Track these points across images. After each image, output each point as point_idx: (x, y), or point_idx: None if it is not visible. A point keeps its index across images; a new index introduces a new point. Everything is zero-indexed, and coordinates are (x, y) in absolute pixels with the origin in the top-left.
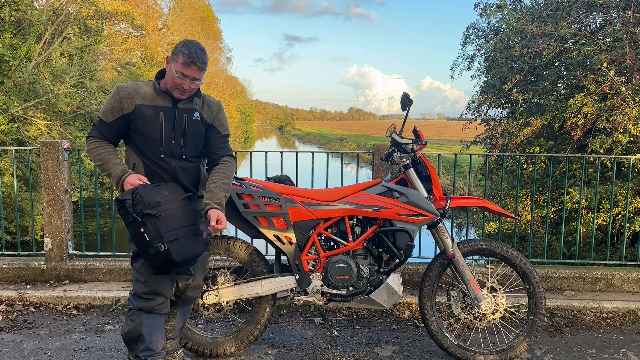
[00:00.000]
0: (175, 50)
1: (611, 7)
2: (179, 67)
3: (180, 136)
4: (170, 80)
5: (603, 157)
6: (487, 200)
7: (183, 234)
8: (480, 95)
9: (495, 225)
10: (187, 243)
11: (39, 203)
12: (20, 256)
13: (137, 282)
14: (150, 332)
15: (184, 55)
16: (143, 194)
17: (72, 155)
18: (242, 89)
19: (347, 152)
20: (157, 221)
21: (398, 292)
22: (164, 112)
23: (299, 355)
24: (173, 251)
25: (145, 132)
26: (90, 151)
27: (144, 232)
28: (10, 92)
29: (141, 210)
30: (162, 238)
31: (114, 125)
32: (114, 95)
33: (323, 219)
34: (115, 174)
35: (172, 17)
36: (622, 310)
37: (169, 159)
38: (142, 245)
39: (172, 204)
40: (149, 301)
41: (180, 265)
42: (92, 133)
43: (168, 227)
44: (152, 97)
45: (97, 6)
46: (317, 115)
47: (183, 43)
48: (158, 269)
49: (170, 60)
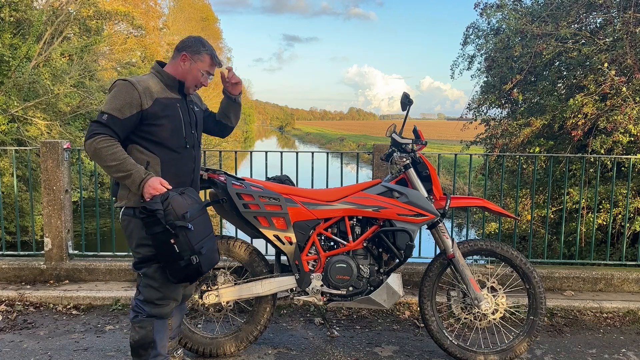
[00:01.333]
0: (197, 49)
1: (611, 7)
2: (206, 67)
3: (195, 126)
4: (192, 79)
5: (603, 157)
6: (487, 200)
7: (207, 243)
8: (480, 95)
9: (495, 225)
10: (211, 252)
11: (39, 203)
12: (20, 256)
13: (148, 287)
14: (162, 337)
15: (210, 56)
16: (174, 204)
17: (72, 155)
18: (242, 89)
19: (347, 152)
20: (189, 233)
21: (398, 292)
22: (179, 104)
23: (299, 355)
24: (203, 263)
25: (168, 125)
26: (99, 150)
27: (174, 244)
28: (10, 92)
29: (173, 221)
30: (194, 250)
31: (128, 122)
32: (130, 90)
33: (323, 219)
34: (139, 175)
35: (172, 17)
36: (622, 310)
37: (191, 149)
38: (171, 256)
39: (197, 213)
40: (163, 307)
41: (204, 274)
42: (100, 130)
43: (197, 239)
44: (163, 89)
45: (97, 6)
46: (317, 115)
47: (200, 41)
48: (183, 278)
49: (188, 58)
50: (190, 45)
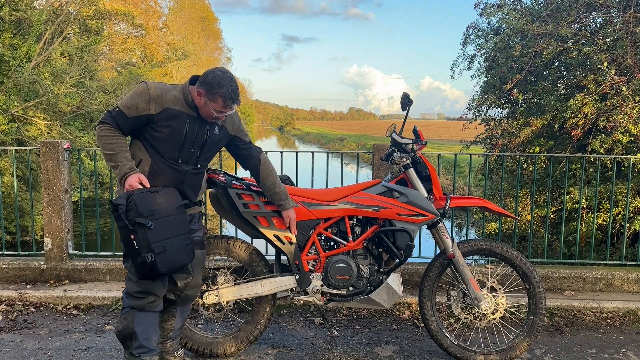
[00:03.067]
0: (212, 90)
1: (611, 7)
2: (219, 108)
3: (199, 146)
4: (205, 113)
5: (603, 157)
6: (487, 200)
7: (172, 244)
8: (480, 95)
9: (495, 225)
10: (175, 254)
11: (39, 203)
12: (20, 256)
13: (129, 280)
14: (143, 329)
15: (223, 98)
16: (138, 201)
17: (72, 155)
18: (242, 88)
19: (347, 152)
20: (148, 231)
21: (398, 292)
22: (189, 121)
23: (299, 355)
24: (159, 262)
25: (167, 135)
26: (100, 137)
27: (134, 240)
28: (10, 92)
29: (133, 218)
30: (150, 248)
31: (132, 121)
32: (144, 94)
33: (323, 219)
34: (123, 169)
35: (172, 16)
36: (622, 310)
37: (184, 164)
38: (131, 252)
39: (165, 212)
40: (141, 299)
41: (165, 275)
42: (106, 120)
43: (157, 238)
44: (181, 103)
45: (97, 5)
46: (317, 115)
47: (218, 80)
48: (143, 275)
49: (204, 95)
50: (207, 83)
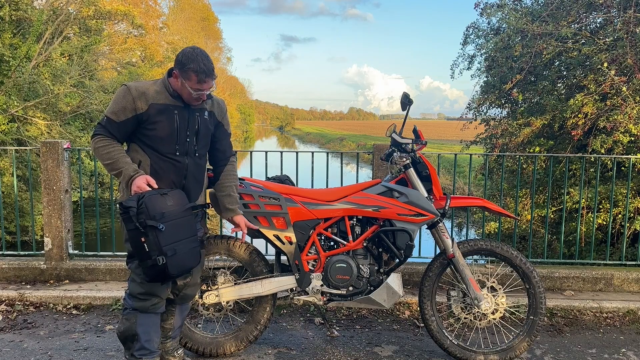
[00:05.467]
0: (183, 67)
1: (611, 7)
2: (194, 85)
3: (194, 135)
4: (186, 95)
5: (603, 156)
6: (487, 200)
7: (182, 247)
8: (480, 95)
9: (495, 225)
10: (185, 256)
11: (39, 203)
12: (20, 256)
13: (132, 282)
14: (145, 331)
15: (196, 73)
16: (149, 203)
17: (72, 155)
18: (242, 88)
19: (347, 152)
20: (159, 234)
21: (398, 292)
22: (177, 111)
23: (299, 355)
24: (170, 265)
25: (160, 130)
26: (97, 149)
27: (144, 242)
28: (10, 92)
29: (145, 220)
30: (161, 251)
31: (123, 125)
32: (126, 95)
33: (323, 219)
34: (127, 173)
35: (172, 16)
36: (622, 310)
37: (183, 157)
38: (140, 254)
39: (175, 215)
40: (144, 301)
41: (175, 277)
42: (98, 131)
43: (168, 241)
44: (165, 96)
45: (97, 5)
46: (317, 115)
47: (187, 56)
48: (153, 278)
49: (178, 76)
50: (179, 62)
